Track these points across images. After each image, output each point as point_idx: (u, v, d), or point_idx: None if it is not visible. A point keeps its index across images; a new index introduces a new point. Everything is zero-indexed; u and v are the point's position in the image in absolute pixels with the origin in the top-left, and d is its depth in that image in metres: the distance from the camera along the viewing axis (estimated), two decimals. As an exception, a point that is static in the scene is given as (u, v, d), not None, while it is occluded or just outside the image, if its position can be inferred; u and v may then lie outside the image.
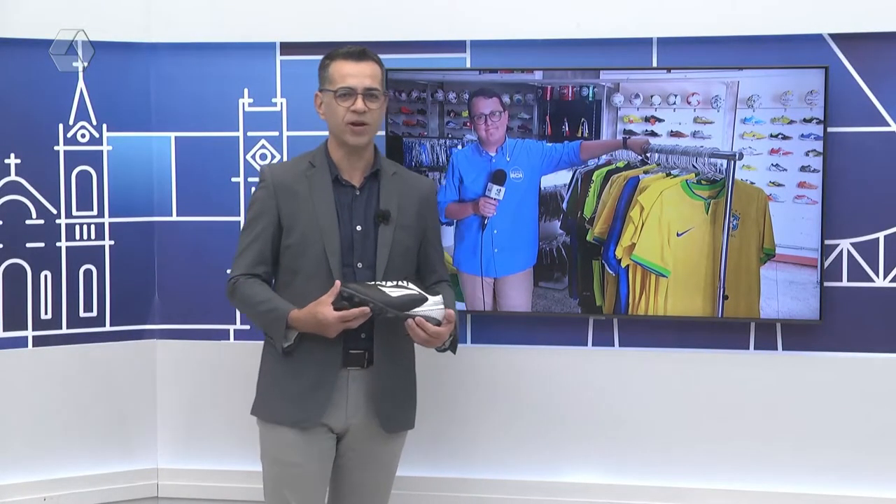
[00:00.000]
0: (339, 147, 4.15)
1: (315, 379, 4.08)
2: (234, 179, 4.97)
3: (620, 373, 4.85)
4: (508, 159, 4.75)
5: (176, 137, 5.02)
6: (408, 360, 4.26)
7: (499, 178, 4.76)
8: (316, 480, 4.17)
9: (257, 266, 4.14)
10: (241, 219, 4.88)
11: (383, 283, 3.99)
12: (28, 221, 4.86)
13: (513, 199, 4.76)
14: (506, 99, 4.72)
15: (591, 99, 4.67)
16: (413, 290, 3.98)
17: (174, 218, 5.03)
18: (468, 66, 4.82)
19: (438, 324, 4.00)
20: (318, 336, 4.01)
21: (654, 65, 4.71)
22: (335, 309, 3.92)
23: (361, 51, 4.14)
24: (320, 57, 4.19)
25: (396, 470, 4.33)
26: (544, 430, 4.90)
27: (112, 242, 4.99)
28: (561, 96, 4.70)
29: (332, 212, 4.10)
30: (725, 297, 4.64)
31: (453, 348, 4.17)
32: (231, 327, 4.99)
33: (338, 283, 3.93)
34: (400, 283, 3.99)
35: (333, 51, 4.18)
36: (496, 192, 4.77)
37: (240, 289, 4.13)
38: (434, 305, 3.98)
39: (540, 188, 4.74)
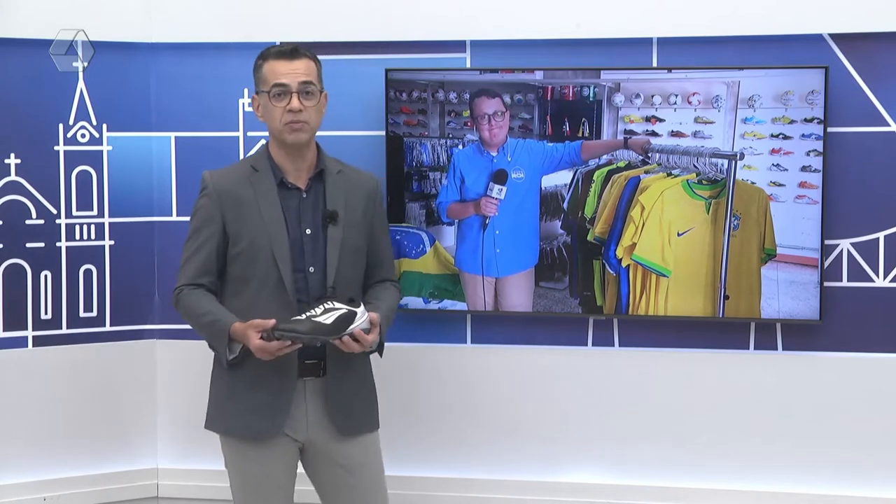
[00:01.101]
0: (281, 148, 4.07)
1: (272, 390, 4.02)
2: (234, 179, 4.97)
3: (620, 373, 4.85)
4: (510, 159, 4.75)
5: (176, 137, 5.02)
6: (363, 364, 4.17)
7: (500, 177, 4.76)
8: (281, 488, 4.12)
9: (202, 276, 4.06)
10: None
11: (313, 311, 3.88)
12: (28, 221, 4.86)
13: (514, 200, 4.76)
14: (506, 99, 4.72)
15: (591, 99, 4.67)
16: (341, 307, 3.89)
17: (174, 218, 5.03)
18: (468, 66, 4.82)
19: (368, 331, 3.95)
20: None
21: (655, 65, 4.71)
22: (263, 338, 3.86)
23: (293, 48, 4.06)
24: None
25: (383, 468, 4.25)
26: (544, 430, 4.90)
27: (112, 242, 4.99)
28: (562, 96, 4.70)
29: (280, 217, 4.03)
30: (726, 297, 4.64)
31: (380, 350, 4.11)
32: (231, 327, 4.99)
33: (273, 322, 3.84)
34: (326, 304, 3.89)
35: (265, 50, 4.12)
36: (497, 191, 4.76)
37: (183, 300, 4.05)
38: (361, 317, 3.92)
39: (541, 188, 4.74)
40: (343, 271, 4.04)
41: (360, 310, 3.92)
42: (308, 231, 4.05)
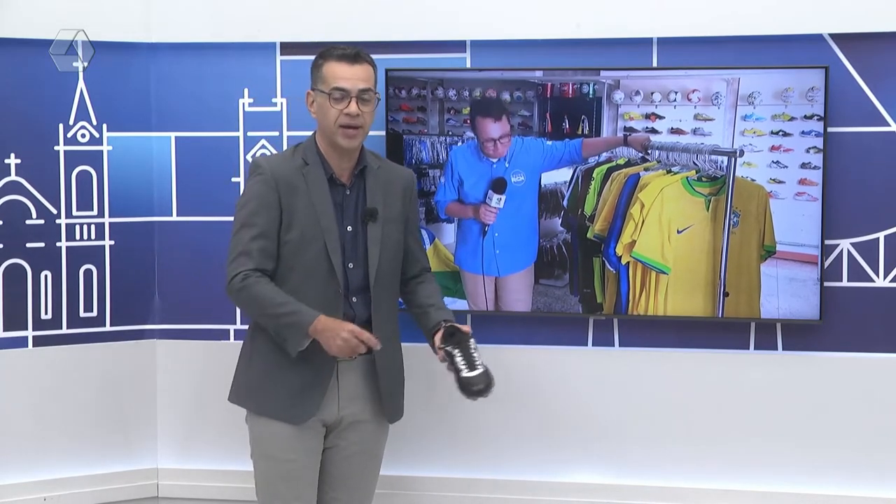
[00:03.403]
0: (330, 146, 4.14)
1: (309, 373, 4.08)
2: (234, 179, 4.97)
3: (620, 373, 4.84)
4: (507, 165, 4.75)
5: (176, 137, 5.02)
6: (397, 347, 4.29)
7: (499, 186, 4.75)
8: (309, 474, 4.18)
9: (267, 261, 4.07)
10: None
11: (470, 372, 4.09)
12: (28, 221, 4.86)
13: (514, 201, 4.76)
14: (505, 96, 4.72)
15: (591, 96, 4.67)
16: (463, 346, 4.11)
17: (174, 218, 5.03)
18: (468, 66, 4.82)
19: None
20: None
21: (654, 65, 4.71)
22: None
23: (356, 53, 4.13)
24: (318, 57, 4.18)
25: (382, 461, 4.35)
26: (544, 430, 4.90)
27: (112, 242, 4.99)
28: (561, 93, 4.70)
29: (331, 212, 4.10)
30: (726, 295, 4.64)
31: None
32: (231, 327, 4.99)
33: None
34: (458, 354, 4.10)
35: (327, 50, 4.17)
36: (496, 200, 4.76)
37: (252, 288, 4.03)
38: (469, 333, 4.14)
39: (540, 186, 4.74)
40: (382, 266, 4.14)
41: (465, 331, 4.13)
42: (349, 228, 4.13)
